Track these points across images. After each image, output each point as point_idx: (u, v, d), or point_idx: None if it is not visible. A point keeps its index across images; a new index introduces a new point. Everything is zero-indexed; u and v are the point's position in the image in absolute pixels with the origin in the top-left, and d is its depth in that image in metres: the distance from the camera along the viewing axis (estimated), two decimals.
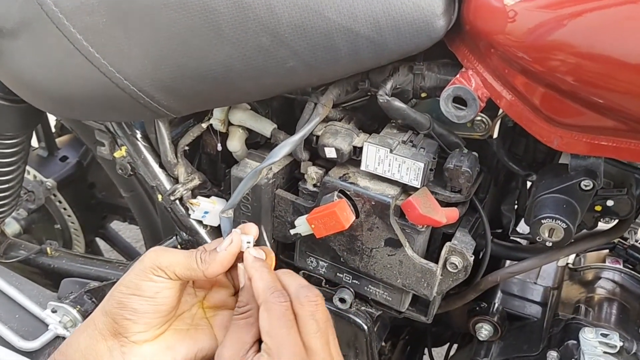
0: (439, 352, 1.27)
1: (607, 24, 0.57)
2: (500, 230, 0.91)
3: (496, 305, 0.90)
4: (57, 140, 1.46)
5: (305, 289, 0.57)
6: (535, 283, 0.95)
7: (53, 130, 1.47)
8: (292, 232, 0.75)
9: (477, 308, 0.89)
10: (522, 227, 0.94)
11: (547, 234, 0.68)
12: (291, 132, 0.79)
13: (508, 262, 0.95)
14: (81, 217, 1.40)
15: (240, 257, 0.60)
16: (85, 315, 0.91)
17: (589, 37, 0.57)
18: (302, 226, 0.73)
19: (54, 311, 0.92)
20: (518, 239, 0.96)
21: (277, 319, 0.54)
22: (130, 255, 1.58)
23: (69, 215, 1.39)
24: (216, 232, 0.90)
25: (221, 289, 0.64)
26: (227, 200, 0.83)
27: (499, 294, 0.93)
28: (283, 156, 0.68)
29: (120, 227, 1.77)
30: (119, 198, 1.49)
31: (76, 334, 0.59)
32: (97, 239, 1.60)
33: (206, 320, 0.64)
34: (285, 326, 0.54)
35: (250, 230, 0.62)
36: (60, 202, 1.37)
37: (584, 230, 0.78)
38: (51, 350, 0.61)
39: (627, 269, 0.92)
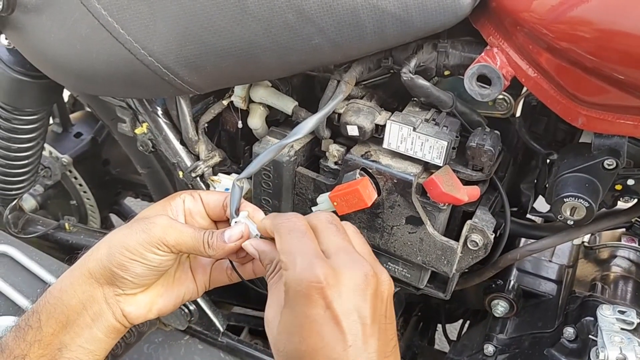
0: (449, 329, 1.28)
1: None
2: (516, 209, 0.92)
3: (512, 282, 0.91)
4: (71, 116, 1.47)
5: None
6: (550, 261, 0.96)
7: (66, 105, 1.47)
8: (314, 209, 0.76)
9: (493, 285, 0.90)
10: (538, 206, 0.94)
11: (568, 213, 0.68)
12: (311, 109, 0.79)
13: (523, 240, 0.96)
14: (96, 193, 1.41)
15: None
16: None
17: (613, 13, 0.57)
18: (324, 204, 0.74)
19: None
20: (534, 217, 0.97)
21: (287, 232, 0.53)
22: None
23: (85, 192, 1.40)
24: None
25: None
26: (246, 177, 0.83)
27: (515, 272, 0.94)
28: (307, 132, 0.68)
29: (130, 203, 1.79)
30: (132, 174, 1.50)
31: (68, 279, 0.61)
32: (111, 215, 1.62)
33: (188, 263, 0.67)
34: (296, 236, 0.52)
35: (259, 219, 0.62)
36: (75, 178, 1.38)
37: (603, 209, 0.78)
38: (40, 293, 0.63)
39: None
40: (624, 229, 0.95)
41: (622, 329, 0.72)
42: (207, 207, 0.66)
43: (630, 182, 0.72)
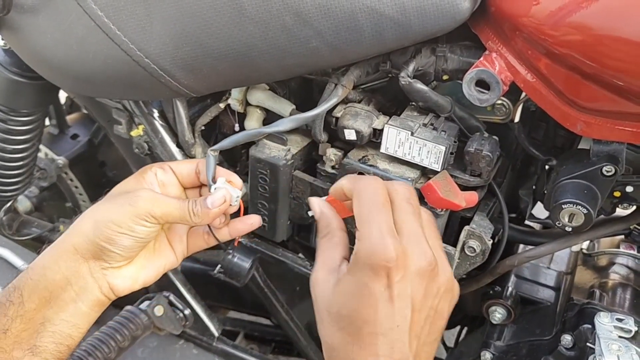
0: (446, 335, 1.28)
1: (629, 5, 0.56)
2: (514, 215, 0.91)
3: (510, 289, 0.90)
4: (67, 118, 1.46)
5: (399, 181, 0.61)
6: (549, 268, 0.95)
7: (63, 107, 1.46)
8: (310, 213, 0.75)
9: (491, 292, 0.90)
10: (536, 212, 0.94)
11: (567, 219, 0.68)
12: None
13: (521, 246, 0.95)
14: (92, 196, 1.40)
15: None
16: None
17: (612, 19, 0.57)
18: None
19: None
20: (532, 224, 0.96)
21: (367, 200, 0.54)
22: None
23: (81, 194, 1.39)
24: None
25: None
26: (244, 181, 0.83)
27: (513, 278, 0.93)
28: (290, 128, 0.69)
29: None
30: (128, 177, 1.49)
31: (51, 256, 0.62)
32: None
33: (164, 234, 0.69)
34: (376, 207, 0.53)
35: (237, 183, 0.66)
36: (71, 180, 1.37)
37: (602, 216, 0.77)
38: (17, 272, 0.63)
39: None
40: (622, 236, 0.95)
41: (620, 336, 0.72)
42: (179, 176, 0.68)
43: (629, 188, 0.71)
